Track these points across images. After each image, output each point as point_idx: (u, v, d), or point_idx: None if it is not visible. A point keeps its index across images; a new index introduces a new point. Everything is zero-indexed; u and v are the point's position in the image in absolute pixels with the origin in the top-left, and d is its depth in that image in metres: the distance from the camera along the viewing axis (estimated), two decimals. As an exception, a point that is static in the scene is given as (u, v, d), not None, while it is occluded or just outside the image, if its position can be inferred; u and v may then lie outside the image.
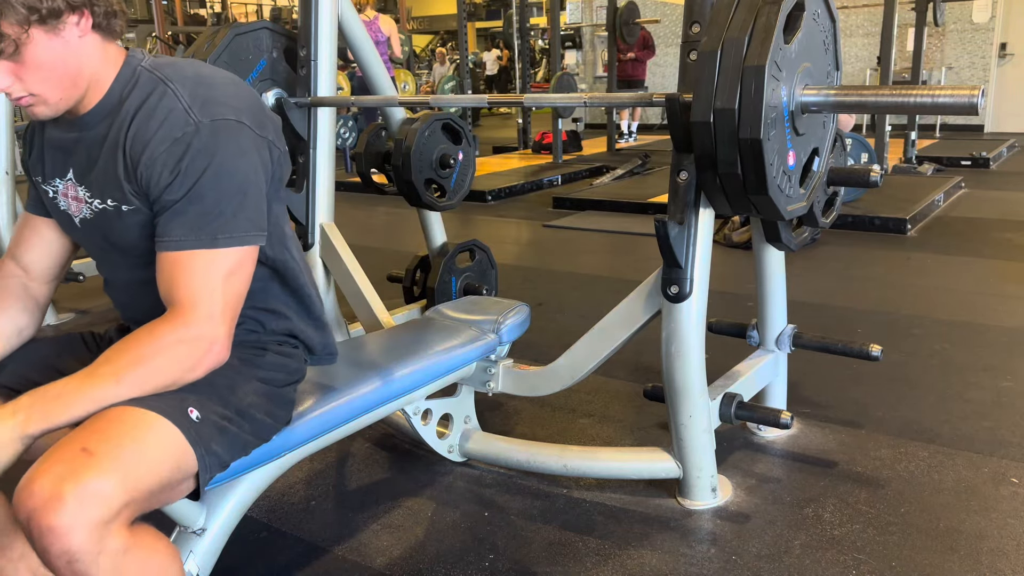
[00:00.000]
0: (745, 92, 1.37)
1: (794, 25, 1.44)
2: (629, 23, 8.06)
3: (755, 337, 2.22)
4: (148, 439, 1.10)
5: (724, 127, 1.40)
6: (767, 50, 1.36)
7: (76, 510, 0.99)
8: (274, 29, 2.33)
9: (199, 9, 23.30)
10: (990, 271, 3.81)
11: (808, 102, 1.49)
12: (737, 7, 1.42)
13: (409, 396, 1.79)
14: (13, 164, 3.38)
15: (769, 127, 1.39)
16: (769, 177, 1.42)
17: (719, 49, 1.39)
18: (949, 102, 1.33)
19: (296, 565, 1.72)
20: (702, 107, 1.41)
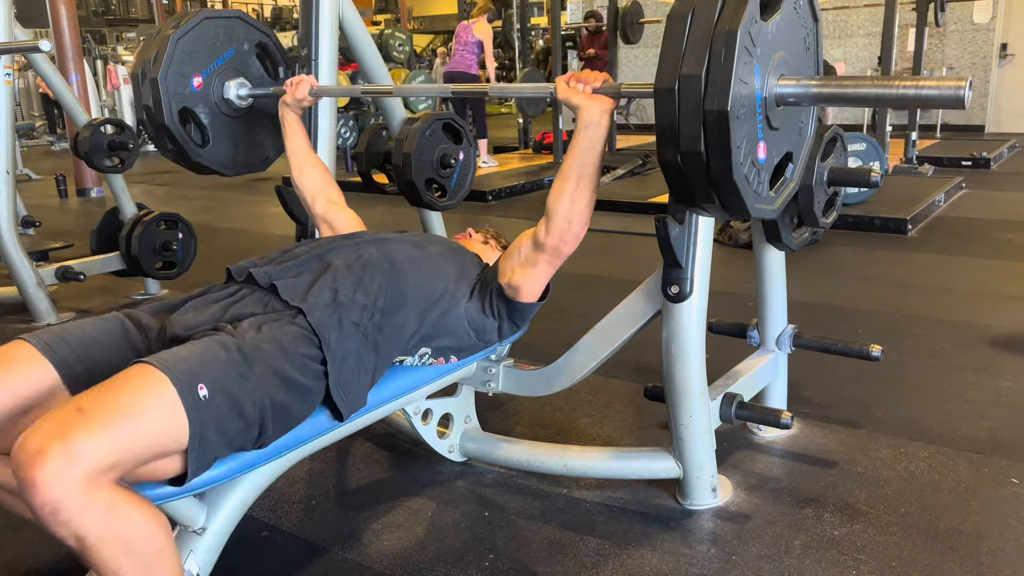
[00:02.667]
0: (715, 58, 1.25)
1: (773, 5, 1.35)
2: (633, 23, 8.05)
3: (755, 337, 2.22)
4: (146, 403, 1.14)
5: (689, 95, 1.27)
6: (740, 16, 1.25)
7: (60, 466, 1.03)
8: (248, 21, 2.33)
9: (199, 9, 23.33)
10: (990, 271, 3.81)
11: (784, 93, 1.38)
12: None
13: (409, 396, 1.79)
14: (14, 164, 3.38)
15: (739, 103, 1.27)
16: (735, 162, 1.29)
17: (690, 12, 1.29)
18: (934, 94, 1.24)
19: (296, 565, 1.72)
20: (667, 73, 1.29)
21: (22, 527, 1.87)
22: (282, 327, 1.42)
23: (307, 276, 1.57)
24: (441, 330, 1.72)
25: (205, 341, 1.30)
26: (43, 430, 1.06)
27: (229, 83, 2.29)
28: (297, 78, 2.09)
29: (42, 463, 1.03)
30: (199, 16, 2.19)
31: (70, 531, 1.06)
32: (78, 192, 7.13)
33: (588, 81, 1.55)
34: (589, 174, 1.59)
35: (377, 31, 8.76)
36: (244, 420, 1.28)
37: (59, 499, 1.03)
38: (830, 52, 10.28)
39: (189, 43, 2.18)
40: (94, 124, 3.69)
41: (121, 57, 13.90)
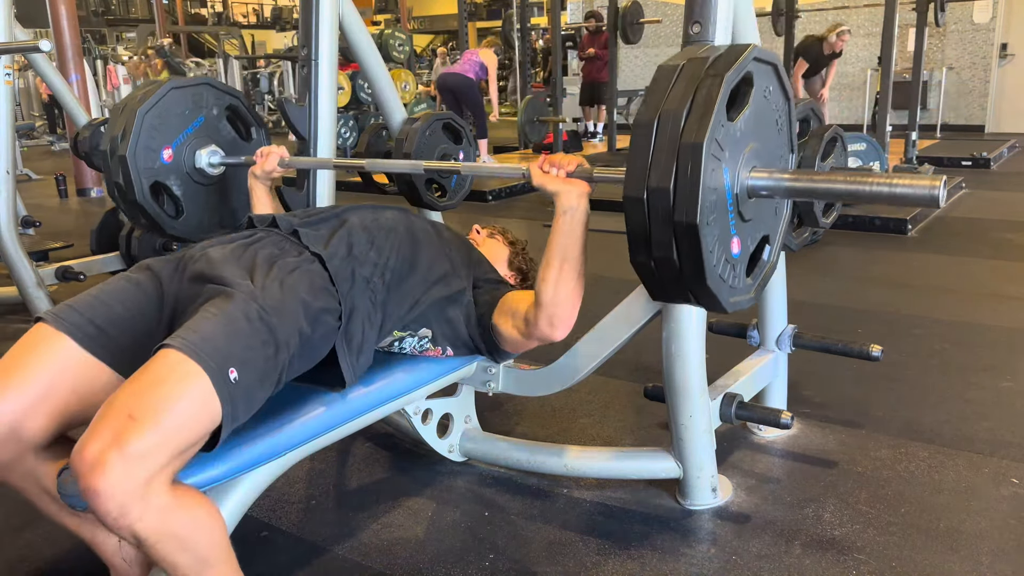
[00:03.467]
0: (681, 171, 1.22)
1: (740, 101, 1.30)
2: (634, 23, 8.05)
3: (755, 337, 2.22)
4: (187, 399, 1.19)
5: (658, 207, 1.25)
6: (706, 126, 1.20)
7: (119, 474, 1.09)
8: (215, 85, 2.28)
9: (200, 9, 23.30)
10: (990, 271, 3.81)
11: (755, 186, 1.34)
12: (677, 77, 1.27)
13: (409, 396, 1.79)
14: (14, 164, 3.38)
15: (708, 211, 1.24)
16: (708, 266, 1.27)
17: (655, 121, 1.25)
18: (908, 193, 1.20)
19: (296, 565, 1.72)
20: (635, 182, 1.26)
21: (23, 527, 1.87)
22: (302, 275, 1.47)
23: (325, 229, 1.63)
24: (443, 313, 1.74)
25: (228, 311, 1.32)
26: (98, 438, 1.11)
27: (200, 152, 2.23)
28: (267, 149, 2.04)
29: (103, 472, 1.09)
30: (165, 87, 2.14)
31: (131, 533, 1.13)
32: (78, 192, 7.13)
33: (562, 166, 1.52)
34: (572, 258, 1.55)
35: (377, 31, 8.75)
36: (267, 384, 1.35)
37: (121, 506, 1.10)
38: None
39: (156, 116, 2.13)
40: (94, 124, 3.69)
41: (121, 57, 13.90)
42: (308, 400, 1.55)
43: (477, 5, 20.53)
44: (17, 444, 1.32)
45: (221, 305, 1.33)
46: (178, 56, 12.77)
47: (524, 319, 1.66)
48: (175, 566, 1.19)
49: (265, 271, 1.45)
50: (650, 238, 1.28)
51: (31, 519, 1.89)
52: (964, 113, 9.76)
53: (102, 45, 18.53)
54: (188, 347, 1.22)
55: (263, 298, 1.37)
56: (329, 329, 1.48)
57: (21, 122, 12.94)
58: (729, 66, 1.24)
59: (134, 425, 1.12)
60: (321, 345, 1.48)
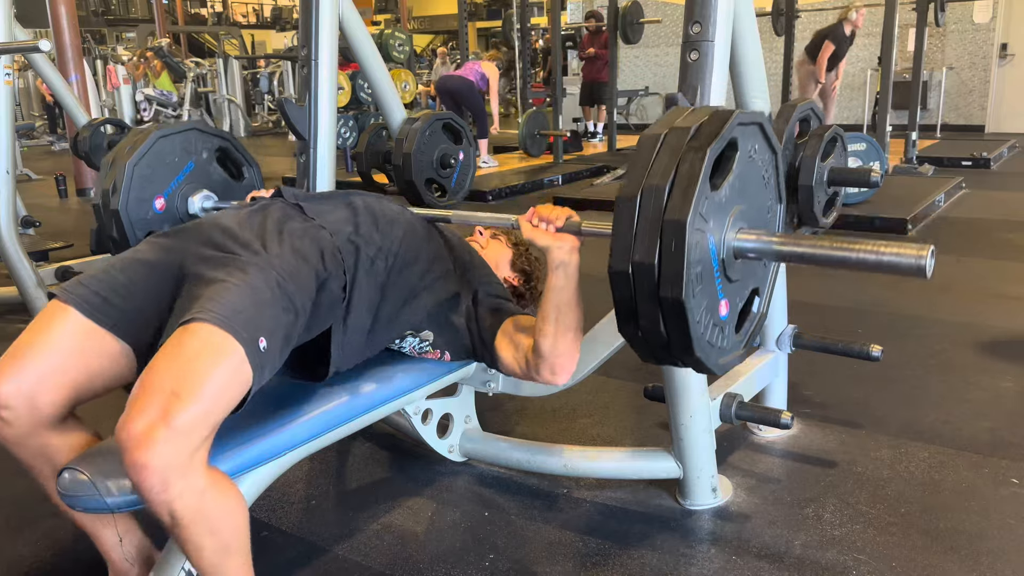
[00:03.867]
0: (665, 247, 1.21)
1: (725, 168, 1.28)
2: (634, 23, 8.05)
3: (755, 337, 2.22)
4: (224, 370, 1.23)
5: (643, 282, 1.25)
6: (689, 202, 1.19)
7: (167, 448, 1.13)
8: (203, 130, 2.25)
9: (200, 9, 23.30)
10: (990, 271, 3.81)
11: (743, 247, 1.32)
12: (660, 150, 1.25)
13: (409, 396, 1.79)
14: (14, 164, 3.38)
15: (694, 283, 1.23)
16: (695, 336, 1.26)
17: (638, 196, 1.24)
18: (895, 262, 1.20)
19: (296, 565, 1.72)
20: (620, 256, 1.26)
21: (23, 527, 1.87)
22: (312, 241, 1.50)
23: (330, 205, 1.66)
24: (443, 316, 1.73)
25: (251, 282, 1.34)
26: (146, 414, 1.15)
27: (192, 198, 2.20)
28: (258, 195, 1.99)
29: (150, 447, 1.13)
30: (153, 137, 2.11)
31: (168, 508, 1.16)
32: (78, 192, 7.13)
33: (551, 220, 1.53)
34: (568, 311, 1.55)
35: (377, 31, 8.75)
36: (286, 350, 1.39)
37: (165, 480, 1.14)
38: (830, 52, 10.28)
39: (146, 166, 2.11)
40: (94, 124, 3.69)
41: (121, 57, 13.90)
42: (308, 400, 1.55)
43: (477, 5, 20.53)
44: (32, 418, 1.34)
45: (241, 276, 1.35)
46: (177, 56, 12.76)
47: (526, 359, 1.64)
48: (200, 549, 1.22)
49: (276, 237, 1.47)
50: (636, 311, 1.27)
51: (31, 519, 1.89)
52: (964, 113, 9.76)
53: (102, 45, 18.53)
54: (221, 320, 1.25)
55: (279, 265, 1.40)
56: (334, 299, 1.50)
57: (21, 122, 12.94)
58: (712, 138, 1.22)
59: (178, 400, 1.16)
60: (325, 315, 1.49)
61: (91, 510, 1.29)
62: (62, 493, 1.27)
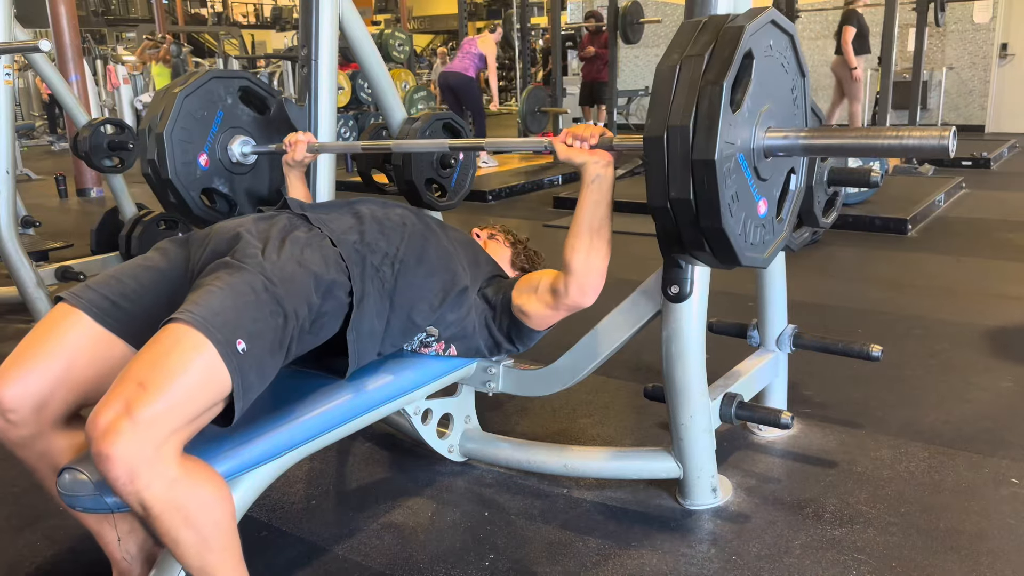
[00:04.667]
0: (698, 184, 1.26)
1: (743, 81, 1.29)
2: (634, 23, 8.05)
3: (755, 337, 2.22)
4: (195, 369, 1.22)
5: (683, 214, 1.30)
6: (714, 139, 1.23)
7: (129, 440, 1.13)
8: (221, 76, 2.29)
9: (200, 9, 23.30)
10: (990, 271, 3.81)
11: (773, 146, 1.36)
12: (677, 85, 1.28)
13: (409, 396, 1.79)
14: (14, 164, 3.38)
15: (730, 205, 1.29)
16: (739, 248, 1.33)
17: (664, 136, 1.28)
18: (917, 144, 1.25)
19: (296, 565, 1.72)
20: (658, 192, 1.31)
21: (23, 527, 1.87)
22: (313, 250, 1.50)
23: (336, 215, 1.67)
24: (451, 309, 1.75)
25: (234, 284, 1.34)
26: (111, 407, 1.15)
27: (231, 145, 2.28)
28: (294, 138, 2.06)
29: (114, 438, 1.13)
30: (179, 98, 2.15)
31: (138, 500, 1.16)
32: (78, 192, 7.13)
33: (585, 137, 1.56)
34: (601, 227, 1.59)
35: (377, 31, 8.75)
36: (278, 355, 1.37)
37: (131, 470, 1.13)
38: (830, 52, 10.28)
39: (181, 129, 2.16)
40: (94, 124, 3.69)
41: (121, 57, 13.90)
42: (308, 400, 1.55)
43: (477, 5, 20.53)
44: (39, 421, 1.35)
45: (227, 278, 1.36)
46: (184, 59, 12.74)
47: (551, 290, 1.69)
48: (176, 542, 1.20)
49: (277, 244, 1.48)
50: (681, 238, 1.33)
51: (31, 519, 1.89)
52: (964, 113, 9.76)
53: (102, 45, 18.52)
54: (195, 320, 1.25)
55: (271, 269, 1.40)
56: (339, 304, 1.50)
57: (21, 122, 12.94)
58: (726, 66, 1.24)
59: (143, 393, 1.16)
60: (331, 321, 1.50)
61: (91, 510, 1.29)
62: (62, 493, 1.27)
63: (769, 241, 1.43)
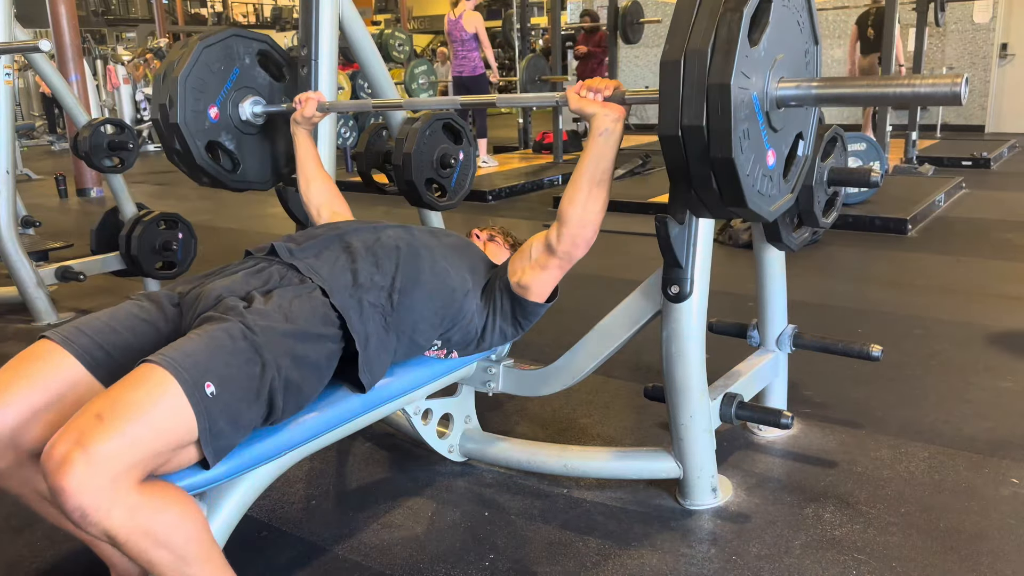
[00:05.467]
0: (712, 110, 1.26)
1: (761, 20, 1.31)
2: (634, 23, 8.05)
3: (755, 337, 2.22)
4: (158, 406, 1.20)
5: (694, 144, 1.30)
6: (731, 65, 1.24)
7: (83, 473, 1.10)
8: (242, 35, 2.31)
9: (200, 8, 23.30)
10: (990, 271, 3.81)
11: (785, 96, 1.37)
12: (698, 13, 1.30)
13: (409, 396, 1.79)
14: (14, 163, 3.38)
15: (742, 139, 1.29)
16: (746, 188, 1.33)
17: (682, 60, 1.29)
18: (930, 92, 1.24)
19: (296, 565, 1.72)
20: (669, 121, 1.31)
21: (23, 528, 1.87)
22: (302, 302, 1.47)
23: (327, 256, 1.63)
24: (453, 323, 1.75)
25: (212, 332, 1.33)
26: (66, 439, 1.12)
27: (242, 104, 2.30)
28: (305, 95, 2.10)
29: (68, 471, 1.09)
30: (197, 49, 2.17)
31: (100, 531, 1.13)
32: (78, 192, 7.13)
33: (599, 90, 1.57)
34: (603, 180, 1.61)
35: (377, 31, 8.75)
36: (256, 405, 1.34)
37: (87, 504, 1.10)
38: (830, 52, 10.28)
39: (196, 78, 2.18)
40: (94, 124, 3.69)
41: (121, 57, 13.89)
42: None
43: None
44: (16, 452, 1.33)
45: (207, 327, 1.35)
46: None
47: (545, 248, 1.70)
48: (151, 563, 1.19)
49: (263, 298, 1.46)
50: (689, 172, 1.33)
51: (31, 520, 1.89)
52: (964, 113, 9.76)
53: (102, 45, 18.52)
54: (164, 360, 1.24)
55: (252, 320, 1.37)
56: (330, 352, 1.48)
57: (21, 122, 12.94)
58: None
59: (100, 425, 1.13)
60: (326, 367, 1.48)
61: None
62: None
63: (775, 196, 1.44)
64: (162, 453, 1.20)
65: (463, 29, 7.31)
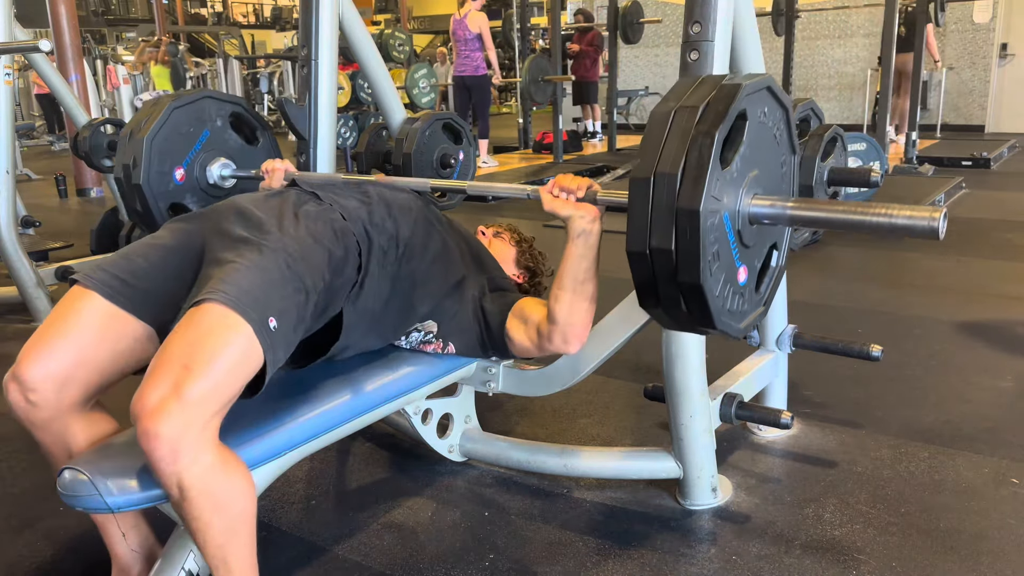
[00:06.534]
0: (681, 233, 1.22)
1: (735, 140, 1.27)
2: (634, 23, 8.05)
3: (755, 337, 2.22)
4: (234, 348, 1.26)
5: (661, 265, 1.26)
6: (701, 189, 1.19)
7: (178, 418, 1.17)
8: (216, 97, 2.26)
9: (200, 9, 23.30)
10: (990, 271, 3.81)
11: (758, 214, 1.33)
12: (670, 132, 1.25)
13: (409, 396, 1.79)
14: (14, 163, 3.38)
15: (711, 263, 1.25)
16: (715, 311, 1.28)
17: (651, 180, 1.24)
18: (908, 224, 1.23)
19: (296, 565, 1.72)
20: (637, 237, 1.27)
21: (23, 528, 1.87)
22: (326, 223, 1.53)
23: (345, 193, 1.69)
24: (450, 306, 1.75)
25: (261, 263, 1.38)
26: (160, 386, 1.19)
27: (211, 167, 2.22)
28: (271, 164, 1.98)
29: (163, 417, 1.16)
30: (167, 110, 2.12)
31: (177, 480, 1.18)
32: (78, 192, 7.13)
33: (572, 190, 1.53)
34: (586, 280, 1.57)
35: (377, 31, 8.75)
36: (300, 328, 1.41)
37: (175, 450, 1.17)
38: (830, 52, 10.29)
39: (163, 139, 2.12)
40: (94, 124, 3.69)
41: (121, 57, 13.89)
42: (308, 400, 1.55)
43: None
44: (59, 402, 1.37)
45: (253, 257, 1.38)
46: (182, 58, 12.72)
47: (537, 331, 1.68)
48: (206, 524, 1.23)
49: (292, 219, 1.51)
50: (657, 290, 1.29)
51: (31, 519, 1.89)
52: (964, 113, 9.76)
53: (102, 45, 18.52)
54: (231, 300, 1.28)
55: (291, 245, 1.43)
56: (347, 280, 1.53)
57: (21, 122, 12.94)
58: (720, 118, 1.21)
59: (189, 374, 1.19)
60: (337, 299, 1.52)
61: (91, 510, 1.29)
62: (62, 493, 1.27)
63: (746, 312, 1.38)
64: (237, 393, 1.27)
65: (467, 28, 7.34)
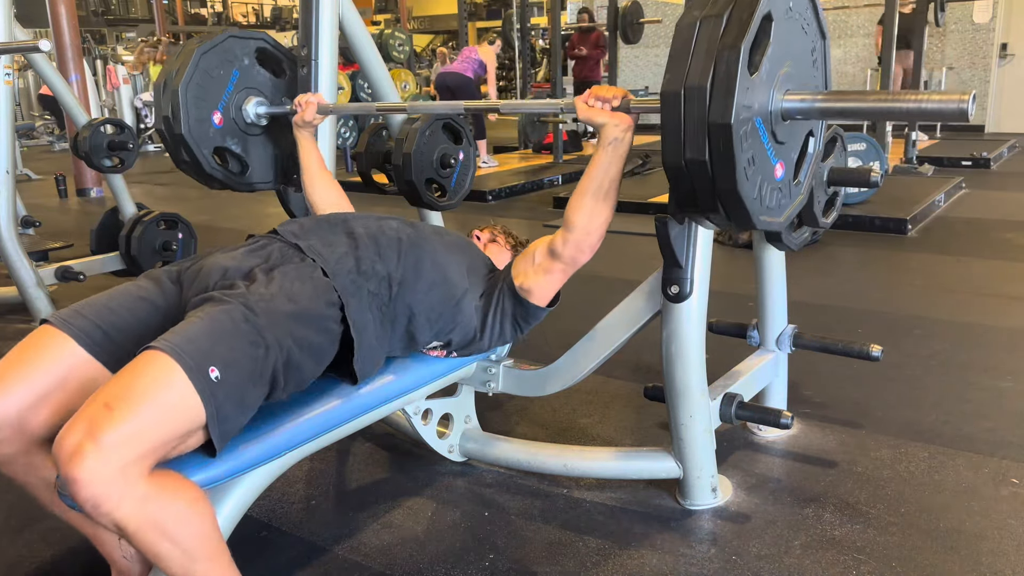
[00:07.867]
0: (714, 147, 1.24)
1: (762, 42, 1.27)
2: (633, 23, 8.05)
3: (755, 337, 2.22)
4: (164, 394, 1.21)
5: (699, 176, 1.29)
6: (730, 105, 1.20)
7: (94, 463, 1.11)
8: (238, 35, 2.30)
9: (200, 8, 23.30)
10: (990, 271, 3.81)
11: (791, 109, 1.35)
12: (695, 48, 1.26)
13: (409, 396, 1.79)
14: (14, 163, 3.38)
15: (746, 168, 1.27)
16: (753, 211, 1.31)
17: (681, 92, 1.26)
18: (937, 108, 1.23)
19: (296, 565, 1.72)
20: (673, 152, 1.29)
21: (23, 528, 1.87)
22: (304, 283, 1.48)
23: (330, 239, 1.65)
24: (452, 321, 1.74)
25: (214, 314, 1.34)
26: (76, 429, 1.13)
27: (245, 106, 2.29)
28: (304, 98, 2.10)
29: (79, 461, 1.11)
30: (195, 55, 2.16)
31: (111, 521, 1.14)
32: (78, 192, 7.13)
33: (607, 99, 1.56)
34: (611, 189, 1.61)
35: (377, 31, 8.75)
36: (259, 386, 1.35)
37: (99, 493, 1.11)
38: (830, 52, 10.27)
39: (196, 86, 2.17)
40: (94, 124, 3.69)
41: (121, 57, 13.89)
42: (307, 400, 1.55)
43: (477, 5, 20.53)
44: (22, 437, 1.34)
45: (208, 310, 1.35)
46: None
47: (548, 253, 1.71)
48: (158, 556, 1.19)
49: (265, 277, 1.47)
50: (696, 200, 1.32)
51: (31, 519, 1.89)
52: (964, 113, 9.75)
53: (102, 45, 18.52)
54: (168, 346, 1.24)
55: (254, 301, 1.38)
56: (331, 334, 1.50)
57: (21, 122, 12.93)
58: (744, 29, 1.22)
59: (108, 415, 1.14)
60: (328, 348, 1.50)
61: (91, 510, 1.29)
62: (62, 494, 1.27)
63: (785, 204, 1.42)
64: (171, 440, 1.21)
65: (475, 53, 7.50)
